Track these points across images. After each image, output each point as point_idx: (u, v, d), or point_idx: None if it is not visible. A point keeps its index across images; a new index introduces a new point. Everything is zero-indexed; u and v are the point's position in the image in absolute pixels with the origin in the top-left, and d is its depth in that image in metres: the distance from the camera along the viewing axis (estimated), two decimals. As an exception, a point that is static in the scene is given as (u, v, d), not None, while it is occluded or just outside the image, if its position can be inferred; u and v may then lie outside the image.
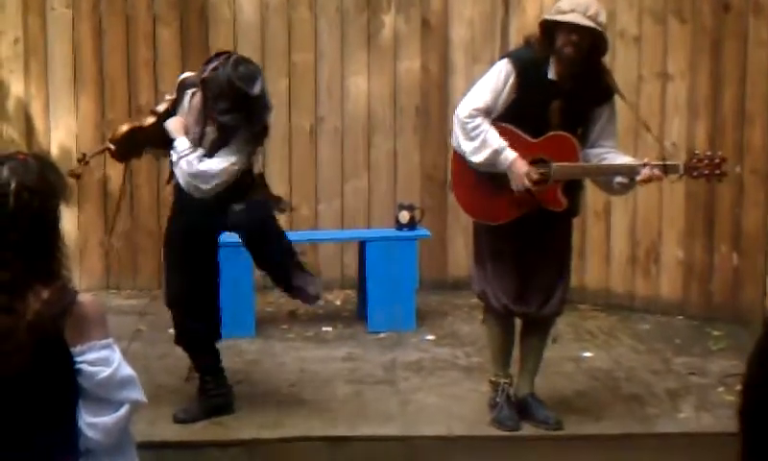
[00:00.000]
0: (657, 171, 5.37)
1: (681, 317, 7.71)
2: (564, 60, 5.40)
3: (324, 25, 8.41)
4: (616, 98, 5.61)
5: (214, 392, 5.89)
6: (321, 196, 8.52)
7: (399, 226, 7.64)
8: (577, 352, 7.03)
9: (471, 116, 5.46)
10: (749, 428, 2.08)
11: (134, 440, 3.20)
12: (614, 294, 8.01)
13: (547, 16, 5.45)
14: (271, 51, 8.34)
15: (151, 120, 5.74)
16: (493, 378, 5.90)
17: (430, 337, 7.33)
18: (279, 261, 5.85)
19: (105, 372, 3.00)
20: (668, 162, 5.51)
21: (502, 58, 5.70)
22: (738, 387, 2.12)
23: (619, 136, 5.81)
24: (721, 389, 6.31)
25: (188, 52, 8.22)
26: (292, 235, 7.29)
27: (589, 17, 5.28)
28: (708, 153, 5.64)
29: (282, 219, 6.40)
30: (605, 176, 5.54)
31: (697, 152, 5.80)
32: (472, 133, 5.46)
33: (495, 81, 5.50)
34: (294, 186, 8.42)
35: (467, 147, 5.49)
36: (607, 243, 8.01)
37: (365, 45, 8.47)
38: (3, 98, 8.31)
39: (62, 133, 8.34)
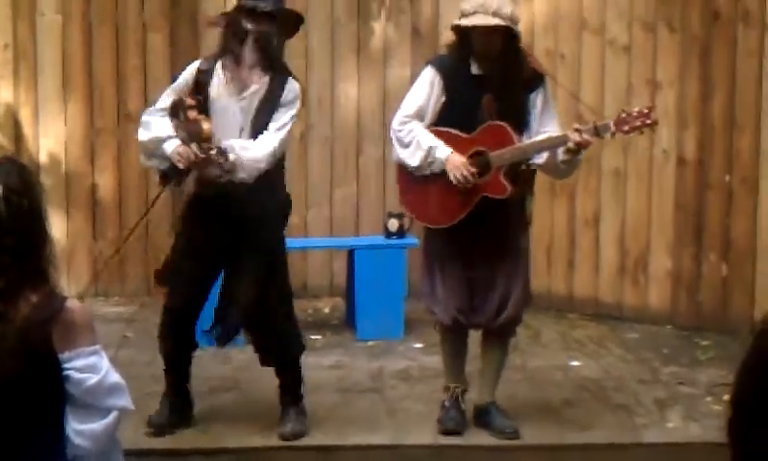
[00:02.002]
0: (586, 135, 5.36)
1: (669, 327, 7.70)
2: (481, 57, 5.46)
3: (314, 32, 8.39)
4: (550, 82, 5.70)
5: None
6: (310, 203, 8.51)
7: (388, 234, 7.62)
8: (565, 361, 7.03)
9: (403, 123, 5.58)
10: (738, 442, 2.07)
11: (121, 447, 3.18)
12: (603, 303, 8.00)
13: (455, 22, 5.48)
14: (260, 58, 8.30)
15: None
16: (446, 384, 5.93)
17: (418, 345, 7.32)
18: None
19: (93, 379, 2.99)
20: (598, 123, 5.47)
21: (425, 66, 5.73)
22: (726, 397, 2.12)
23: (560, 119, 5.78)
24: (709, 399, 6.31)
25: (178, 59, 8.18)
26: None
27: (494, 14, 5.31)
28: (637, 108, 5.58)
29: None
30: (542, 150, 5.49)
31: (625, 108, 5.68)
32: (406, 139, 5.54)
33: (422, 87, 5.60)
34: (283, 194, 8.40)
35: (403, 154, 5.57)
36: (596, 252, 8.00)
37: (355, 53, 8.47)
38: (-8, 104, 8.30)
39: (51, 139, 8.31)
